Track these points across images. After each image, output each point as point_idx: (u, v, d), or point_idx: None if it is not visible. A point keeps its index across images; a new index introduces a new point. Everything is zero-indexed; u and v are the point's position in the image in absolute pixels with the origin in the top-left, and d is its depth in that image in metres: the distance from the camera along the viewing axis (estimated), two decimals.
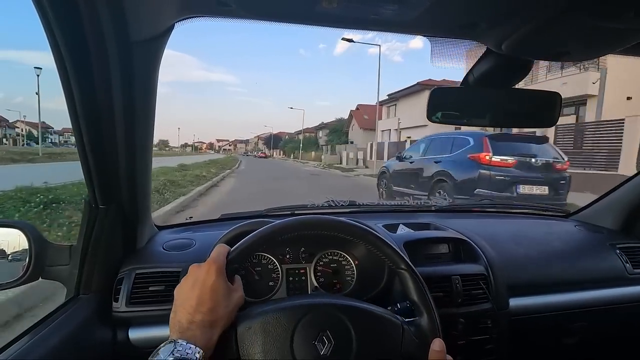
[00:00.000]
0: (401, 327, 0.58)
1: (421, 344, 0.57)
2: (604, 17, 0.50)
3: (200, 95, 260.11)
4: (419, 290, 0.61)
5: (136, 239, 0.87)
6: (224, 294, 0.54)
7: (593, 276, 1.05)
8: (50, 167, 13.75)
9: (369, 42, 19.40)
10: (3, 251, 0.71)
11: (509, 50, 0.62)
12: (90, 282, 0.75)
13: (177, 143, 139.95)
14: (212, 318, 0.51)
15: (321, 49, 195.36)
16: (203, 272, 0.54)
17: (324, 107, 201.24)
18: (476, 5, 0.55)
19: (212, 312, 0.52)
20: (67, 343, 0.63)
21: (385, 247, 0.63)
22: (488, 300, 0.88)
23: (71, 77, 0.56)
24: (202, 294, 0.52)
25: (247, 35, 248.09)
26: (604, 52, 0.66)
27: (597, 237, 1.20)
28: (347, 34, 17.40)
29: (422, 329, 0.59)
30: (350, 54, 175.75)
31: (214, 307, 0.52)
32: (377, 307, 0.61)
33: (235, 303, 0.56)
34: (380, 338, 0.57)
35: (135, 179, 0.76)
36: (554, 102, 0.76)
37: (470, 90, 0.76)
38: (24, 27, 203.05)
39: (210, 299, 0.52)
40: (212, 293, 0.53)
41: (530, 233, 1.18)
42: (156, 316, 0.76)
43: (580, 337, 1.04)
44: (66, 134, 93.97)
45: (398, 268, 0.63)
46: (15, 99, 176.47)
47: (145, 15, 0.58)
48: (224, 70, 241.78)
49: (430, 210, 1.35)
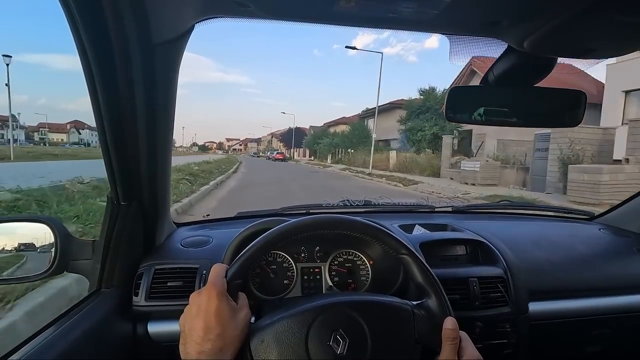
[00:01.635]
0: (411, 311, 0.58)
1: (433, 325, 0.57)
2: (631, 12, 0.48)
3: (216, 96, 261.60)
4: (423, 272, 0.61)
5: (155, 236, 0.89)
6: (229, 316, 0.52)
7: (619, 282, 1.01)
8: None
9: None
10: (33, 244, 0.74)
11: (531, 48, 0.60)
12: (112, 276, 0.77)
13: (185, 143, 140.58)
14: (221, 344, 0.50)
15: (335, 50, 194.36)
16: (204, 298, 0.52)
17: (339, 108, 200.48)
18: (498, 2, 0.53)
19: (221, 338, 0.50)
20: (89, 336, 0.65)
21: (381, 234, 0.63)
22: (507, 304, 0.86)
23: (96, 79, 0.57)
24: (208, 321, 0.51)
25: (262, 37, 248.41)
26: (632, 49, 0.63)
27: (624, 241, 1.15)
28: (363, 34, 17.20)
29: (432, 310, 0.59)
30: (365, 54, 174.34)
31: (221, 332, 0.51)
32: (385, 296, 0.61)
33: (243, 322, 0.54)
34: (393, 326, 0.57)
35: (155, 177, 0.78)
36: (578, 101, 0.74)
37: (490, 89, 0.74)
38: (49, 32, 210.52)
39: (217, 325, 0.51)
40: (218, 318, 0.51)
41: (552, 236, 1.15)
42: (174, 311, 0.78)
43: (603, 345, 1.00)
44: (42, 130, 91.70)
45: (399, 254, 0.63)
46: (39, 101, 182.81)
47: (167, 17, 0.60)
48: (240, 71, 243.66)
49: (447, 212, 1.33)
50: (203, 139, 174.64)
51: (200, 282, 0.81)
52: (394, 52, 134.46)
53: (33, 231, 0.74)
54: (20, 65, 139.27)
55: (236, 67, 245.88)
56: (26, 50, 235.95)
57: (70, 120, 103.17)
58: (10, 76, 19.91)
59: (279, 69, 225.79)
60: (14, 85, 25.67)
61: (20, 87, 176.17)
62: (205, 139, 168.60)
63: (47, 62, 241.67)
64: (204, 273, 0.82)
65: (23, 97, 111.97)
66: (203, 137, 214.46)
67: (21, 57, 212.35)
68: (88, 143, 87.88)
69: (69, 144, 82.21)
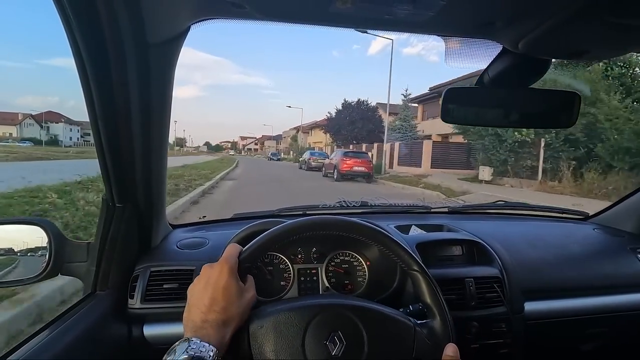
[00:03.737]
0: (414, 329, 0.57)
1: (434, 347, 0.56)
2: (625, 15, 0.49)
3: (235, 97, 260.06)
4: (432, 292, 0.61)
5: (151, 237, 0.88)
6: (236, 293, 0.54)
7: (612, 281, 1.02)
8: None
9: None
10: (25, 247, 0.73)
11: (525, 49, 0.60)
12: (107, 279, 0.77)
13: (193, 143, 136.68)
14: (225, 317, 0.52)
15: (355, 50, 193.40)
16: (216, 271, 0.55)
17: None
18: (493, 4, 0.54)
19: (225, 311, 0.52)
20: (85, 338, 0.65)
21: (397, 248, 0.63)
22: (502, 304, 0.87)
23: (90, 78, 0.57)
24: (215, 294, 0.53)
25: (281, 37, 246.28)
26: (625, 51, 0.64)
27: (617, 241, 1.16)
28: (383, 34, 15.42)
29: (435, 331, 0.58)
30: (385, 54, 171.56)
31: (226, 306, 0.53)
32: (389, 308, 0.60)
33: (247, 302, 0.56)
34: (392, 340, 0.57)
35: (150, 178, 0.78)
36: (572, 102, 0.74)
37: (485, 90, 0.75)
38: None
39: (223, 298, 0.53)
40: (225, 292, 0.53)
41: (546, 236, 1.16)
42: (170, 313, 0.78)
43: (598, 344, 1.01)
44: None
45: (410, 269, 0.62)
46: (68, 103, 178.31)
47: (162, 18, 0.60)
48: (260, 73, 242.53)
49: (443, 212, 1.33)
50: (219, 139, 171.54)
51: None
52: (415, 52, 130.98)
53: (25, 234, 0.73)
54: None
55: (256, 69, 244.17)
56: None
57: (38, 112, 76.40)
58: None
59: (300, 69, 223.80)
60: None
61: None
62: (220, 139, 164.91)
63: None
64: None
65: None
66: (219, 138, 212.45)
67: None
68: (56, 140, 69.01)
69: (20, 141, 60.10)
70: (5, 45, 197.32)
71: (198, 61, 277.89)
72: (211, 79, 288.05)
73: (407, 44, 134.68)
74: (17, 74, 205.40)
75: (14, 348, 0.57)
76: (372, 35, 19.27)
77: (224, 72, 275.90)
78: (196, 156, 25.19)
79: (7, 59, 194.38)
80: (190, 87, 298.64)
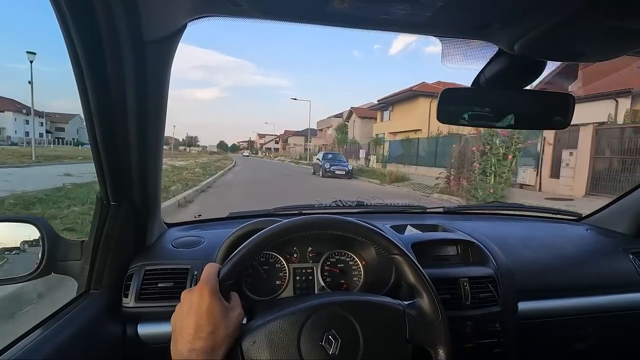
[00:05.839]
0: (403, 310, 0.58)
1: (425, 325, 0.57)
2: (620, 17, 0.49)
3: (254, 98, 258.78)
4: (414, 272, 0.61)
5: (146, 236, 0.88)
6: (221, 315, 0.52)
7: (605, 281, 1.03)
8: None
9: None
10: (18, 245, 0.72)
11: (521, 50, 0.61)
12: (101, 277, 0.76)
13: (206, 142, 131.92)
14: (212, 343, 0.50)
15: (376, 50, 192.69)
16: (196, 296, 0.52)
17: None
18: (489, 5, 0.54)
19: (213, 336, 0.50)
20: (78, 337, 0.64)
21: (373, 234, 0.63)
22: (497, 303, 0.87)
23: (86, 75, 0.57)
24: (199, 320, 0.50)
25: (301, 38, 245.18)
26: (621, 53, 0.65)
27: (610, 241, 1.17)
28: (404, 34, 15.72)
29: (423, 309, 0.59)
30: (407, 54, 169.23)
31: (213, 330, 0.50)
32: (376, 296, 0.61)
33: (235, 322, 0.54)
34: (384, 326, 0.57)
35: (146, 176, 0.77)
36: (567, 104, 0.75)
37: (481, 91, 0.75)
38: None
39: (209, 323, 0.50)
40: (209, 317, 0.50)
41: (541, 236, 1.17)
42: (164, 312, 0.77)
43: (591, 343, 1.02)
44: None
45: (390, 254, 0.63)
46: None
47: (158, 15, 0.59)
48: (279, 74, 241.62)
49: (439, 212, 1.34)
50: (236, 139, 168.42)
51: (191, 283, 0.80)
52: (437, 50, 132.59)
53: (18, 231, 0.72)
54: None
55: (276, 70, 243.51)
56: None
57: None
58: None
59: (321, 71, 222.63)
60: None
61: None
62: (238, 139, 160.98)
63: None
64: (195, 274, 0.81)
65: None
66: (236, 137, 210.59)
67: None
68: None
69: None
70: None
71: (220, 62, 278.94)
72: (231, 80, 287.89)
73: (429, 43, 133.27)
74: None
75: (6, 347, 0.56)
76: (394, 37, 19.54)
77: (244, 74, 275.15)
78: (181, 160, 21.10)
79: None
80: (213, 88, 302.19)
